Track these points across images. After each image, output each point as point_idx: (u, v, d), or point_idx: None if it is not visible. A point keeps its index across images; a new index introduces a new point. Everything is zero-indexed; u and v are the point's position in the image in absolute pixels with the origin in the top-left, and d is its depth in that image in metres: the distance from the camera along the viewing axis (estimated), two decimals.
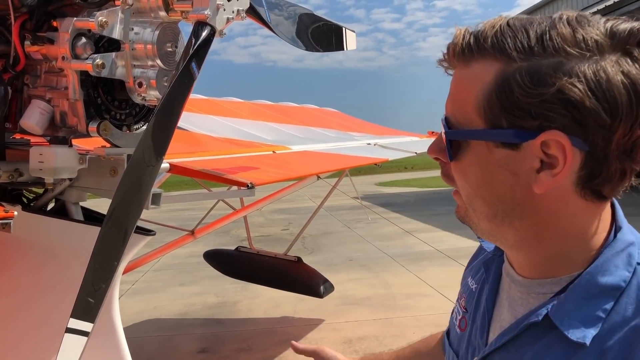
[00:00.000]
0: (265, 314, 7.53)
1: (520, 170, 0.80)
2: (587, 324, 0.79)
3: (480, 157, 0.82)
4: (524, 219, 0.83)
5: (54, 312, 1.82)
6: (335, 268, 9.67)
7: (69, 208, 2.36)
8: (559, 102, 0.74)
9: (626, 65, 0.75)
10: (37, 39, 2.07)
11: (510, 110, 0.77)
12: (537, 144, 0.77)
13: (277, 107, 6.35)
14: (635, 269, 0.81)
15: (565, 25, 0.76)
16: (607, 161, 0.77)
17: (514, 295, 0.93)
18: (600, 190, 0.81)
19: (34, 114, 2.14)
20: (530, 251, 0.87)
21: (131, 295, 8.85)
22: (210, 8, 1.95)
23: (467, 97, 0.82)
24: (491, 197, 0.84)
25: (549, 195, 0.80)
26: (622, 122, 0.75)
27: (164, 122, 1.84)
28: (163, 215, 14.49)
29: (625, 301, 0.78)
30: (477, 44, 0.80)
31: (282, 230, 14.64)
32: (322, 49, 2.76)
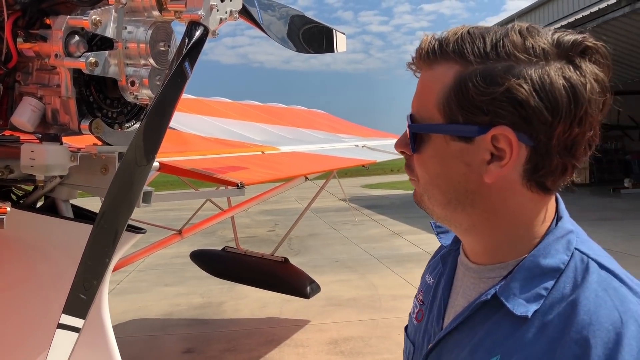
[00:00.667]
0: (251, 315, 7.53)
1: (473, 162, 0.89)
2: (530, 301, 0.88)
3: (438, 150, 0.92)
4: (475, 206, 0.92)
5: (43, 309, 1.83)
6: (321, 269, 9.69)
7: (59, 205, 2.36)
8: (507, 100, 0.84)
9: (568, 71, 0.85)
10: (30, 36, 2.08)
11: (466, 107, 0.87)
12: (488, 138, 0.87)
13: (265, 108, 6.37)
14: (573, 253, 0.90)
15: (517, 34, 0.86)
16: (550, 156, 0.87)
17: (467, 282, 1.01)
18: (544, 182, 0.90)
19: (25, 111, 2.14)
20: (481, 237, 0.96)
21: (116, 295, 8.80)
22: (203, 8, 1.97)
23: (430, 96, 0.91)
24: (446, 185, 0.93)
25: (497, 185, 0.89)
26: (562, 120, 0.84)
27: (156, 122, 1.85)
28: (148, 215, 14.40)
29: (564, 280, 0.88)
30: (441, 48, 0.90)
31: (269, 232, 14.63)
32: (313, 51, 2.78)
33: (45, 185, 2.30)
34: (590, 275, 0.87)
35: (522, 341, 0.86)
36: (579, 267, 0.89)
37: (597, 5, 15.12)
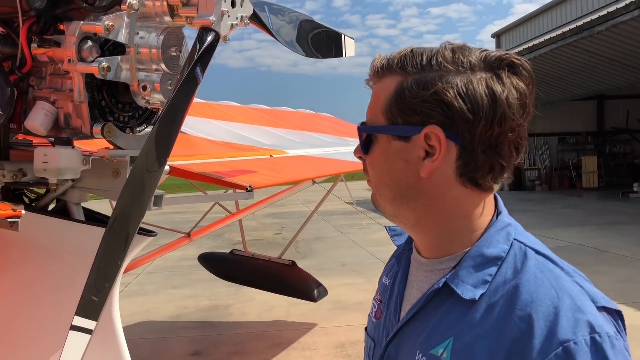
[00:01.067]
0: (258, 318, 7.55)
1: (411, 159, 1.02)
2: (477, 286, 0.99)
3: (383, 149, 1.05)
4: (417, 199, 1.04)
5: (55, 310, 1.85)
6: (327, 273, 9.70)
7: (71, 208, 2.39)
8: (435, 102, 0.98)
9: (490, 80, 0.99)
10: (44, 41, 2.11)
11: (403, 109, 1.01)
12: (422, 136, 1.00)
13: (273, 112, 6.39)
14: (512, 243, 1.02)
15: (448, 50, 1.01)
16: (475, 153, 0.99)
17: (421, 275, 1.12)
18: (475, 179, 1.01)
19: (38, 115, 2.17)
20: (427, 230, 1.08)
21: (124, 297, 8.82)
22: (215, 14, 1.99)
23: (378, 103, 1.06)
24: (391, 182, 1.05)
25: (434, 180, 1.02)
26: (482, 120, 0.97)
27: (167, 127, 1.88)
28: (157, 218, 14.48)
29: (506, 267, 1.00)
30: (388, 64, 1.05)
31: (275, 235, 14.65)
32: (322, 55, 2.80)
33: (57, 189, 2.33)
34: (528, 260, 0.99)
35: (472, 322, 0.97)
36: (518, 255, 1.00)
37: (605, 9, 15.08)
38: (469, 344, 0.95)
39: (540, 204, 19.57)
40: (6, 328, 2.22)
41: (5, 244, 2.27)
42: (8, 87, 2.08)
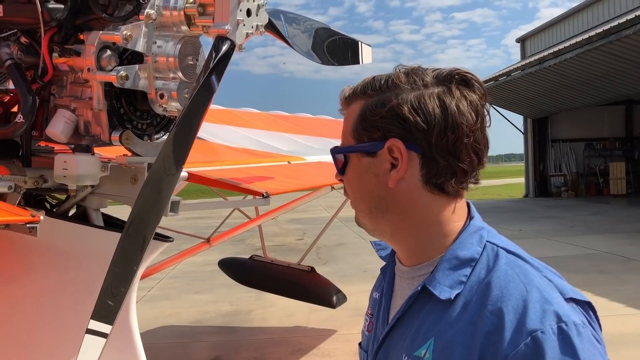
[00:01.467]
0: (278, 323, 7.56)
1: (379, 172, 1.10)
2: (453, 287, 1.05)
3: (355, 167, 1.14)
4: (390, 210, 1.11)
5: (74, 314, 1.89)
6: (348, 279, 9.67)
7: (90, 214, 2.43)
8: (392, 117, 1.07)
9: (441, 94, 1.07)
10: (65, 51, 2.16)
11: (367, 128, 1.10)
12: (386, 150, 1.08)
13: (293, 118, 6.42)
14: (485, 245, 1.08)
15: (401, 72, 1.11)
16: (436, 160, 1.06)
17: (404, 284, 1.18)
18: (440, 185, 1.08)
19: (59, 122, 2.23)
20: (404, 240, 1.14)
21: (147, 301, 8.93)
22: (230, 23, 2.03)
23: (347, 127, 1.15)
24: (366, 196, 1.13)
25: (403, 190, 1.09)
26: (435, 129, 1.05)
27: (183, 133, 1.91)
28: (180, 223, 14.61)
29: (479, 267, 1.06)
30: (353, 92, 1.15)
31: (297, 240, 14.68)
32: (338, 63, 2.82)
33: (77, 195, 2.38)
34: (500, 259, 1.05)
35: (449, 321, 1.03)
36: (491, 255, 1.07)
37: (633, 12, 14.85)
38: (448, 341, 1.01)
39: (566, 211, 19.27)
40: (27, 331, 2.27)
41: (26, 249, 2.32)
42: (30, 95, 2.13)
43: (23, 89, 2.13)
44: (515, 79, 21.09)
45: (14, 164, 2.26)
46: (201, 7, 2.11)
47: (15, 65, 2.16)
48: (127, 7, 2.14)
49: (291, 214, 19.10)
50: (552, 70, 18.61)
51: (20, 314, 2.34)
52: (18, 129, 2.14)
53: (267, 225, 16.99)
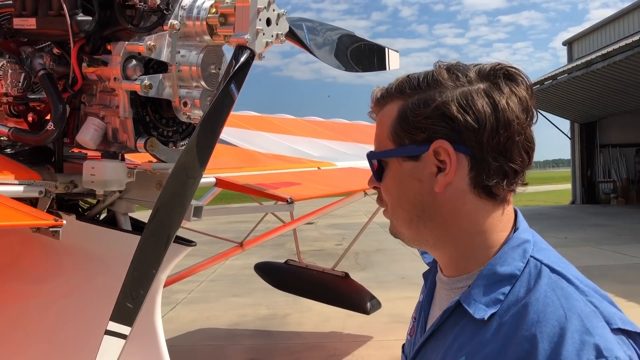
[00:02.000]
0: (314, 328, 7.59)
1: (423, 177, 1.03)
2: (489, 305, 0.98)
3: (395, 172, 1.06)
4: (433, 219, 1.05)
5: (100, 315, 1.95)
6: (386, 285, 9.61)
7: (119, 218, 2.51)
8: (438, 117, 1.00)
9: (489, 89, 1.00)
10: (93, 61, 2.24)
11: (408, 130, 1.03)
12: (431, 152, 1.01)
13: (327, 124, 6.45)
14: (528, 261, 1.00)
15: (443, 68, 1.04)
16: (486, 161, 1.00)
17: (442, 294, 1.13)
18: (489, 188, 1.01)
19: (88, 130, 2.31)
20: (446, 249, 1.08)
21: (186, 304, 9.10)
22: (249, 33, 2.07)
23: (383, 130, 1.08)
24: (407, 204, 1.06)
25: (448, 196, 1.02)
26: (486, 127, 0.98)
27: (202, 140, 1.95)
28: (220, 227, 14.85)
29: (519, 285, 0.98)
30: (387, 92, 1.09)
31: (336, 245, 14.68)
32: (362, 69, 2.82)
33: (105, 199, 2.46)
34: (541, 278, 0.97)
35: (482, 342, 0.96)
36: (533, 273, 0.99)
37: None
38: None
39: (614, 219, 18.66)
40: (54, 329, 2.36)
41: (57, 250, 2.42)
42: (60, 104, 2.22)
43: (54, 97, 2.22)
44: (562, 83, 20.58)
45: (47, 170, 2.35)
46: (222, 17, 2.17)
47: (47, 75, 2.25)
48: (152, 18, 2.21)
49: (330, 219, 19.14)
50: (600, 73, 18.08)
51: (48, 312, 2.43)
52: (49, 136, 2.23)
53: (307, 230, 17.12)
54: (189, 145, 1.96)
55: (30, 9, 2.23)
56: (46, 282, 2.47)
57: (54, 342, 2.40)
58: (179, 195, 1.93)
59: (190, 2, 2.22)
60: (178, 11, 2.21)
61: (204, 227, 13.05)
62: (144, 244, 1.87)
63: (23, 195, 2.15)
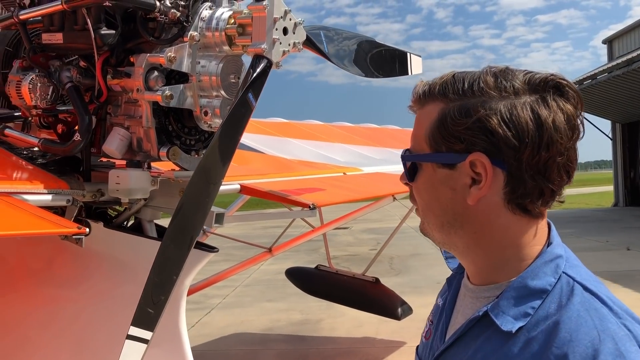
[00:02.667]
0: (347, 334, 7.58)
1: (457, 186, 1.01)
2: (517, 318, 0.96)
3: (429, 177, 1.05)
4: (465, 227, 1.03)
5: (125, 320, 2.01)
6: (421, 290, 9.52)
7: (144, 225, 2.58)
8: (479, 129, 0.97)
9: (535, 104, 0.96)
10: (117, 73, 2.32)
11: (447, 137, 1.01)
12: (467, 163, 0.99)
13: (356, 129, 6.46)
14: (560, 276, 0.98)
15: (490, 75, 1.00)
16: (523, 179, 0.97)
17: (467, 301, 1.11)
18: (524, 205, 0.99)
19: (114, 140, 2.38)
20: (475, 258, 1.06)
21: (221, 309, 9.21)
22: (266, 42, 2.10)
23: (421, 131, 1.06)
24: (438, 209, 1.05)
25: (482, 208, 1.00)
26: (528, 146, 0.95)
27: (220, 147, 1.99)
28: (256, 232, 14.97)
29: (550, 301, 0.96)
30: (429, 90, 1.05)
31: (370, 250, 14.62)
32: (384, 75, 2.83)
33: (131, 207, 2.53)
34: (574, 297, 0.95)
35: (507, 355, 0.95)
36: (565, 289, 0.96)
37: None
38: None
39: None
40: (79, 333, 2.44)
41: (85, 256, 2.49)
42: (87, 115, 2.30)
43: (80, 109, 2.30)
44: (602, 83, 20.09)
45: (75, 179, 2.43)
46: (240, 27, 2.21)
47: (74, 87, 2.33)
48: (173, 29, 2.26)
49: (365, 223, 19.09)
50: None
51: (78, 317, 2.51)
52: (76, 147, 2.31)
53: (341, 235, 17.13)
54: (207, 152, 2.00)
55: (57, 25, 2.32)
56: (76, 287, 2.56)
57: (84, 347, 2.48)
58: (199, 202, 1.97)
59: (210, 13, 2.27)
60: (198, 23, 2.26)
61: (239, 233, 13.12)
62: (164, 250, 1.92)
63: (51, 203, 2.23)
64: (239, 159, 3.38)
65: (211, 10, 2.28)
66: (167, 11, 2.23)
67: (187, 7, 2.25)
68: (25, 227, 1.96)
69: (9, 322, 2.71)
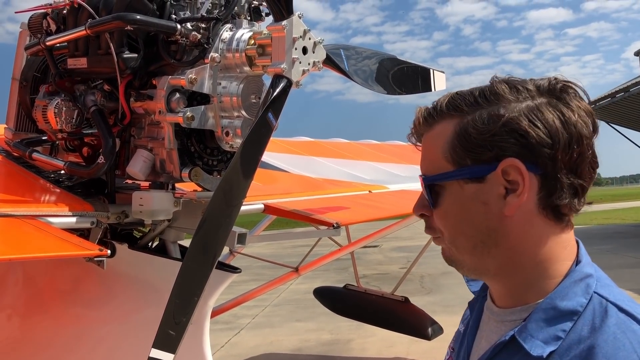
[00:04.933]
0: (377, 354, 7.47)
1: (490, 199, 0.96)
2: (547, 342, 0.91)
3: (456, 196, 0.99)
4: (499, 245, 0.97)
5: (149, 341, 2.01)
6: (452, 310, 9.34)
7: (168, 246, 2.59)
8: (507, 133, 0.93)
9: (554, 103, 0.95)
10: (140, 95, 2.35)
11: (471, 149, 0.96)
12: (499, 173, 0.94)
13: (381, 147, 6.43)
14: (592, 297, 0.93)
15: (500, 82, 0.98)
16: (559, 179, 0.94)
17: (491, 326, 1.05)
18: (559, 207, 0.95)
19: (138, 162, 2.40)
20: (508, 278, 1.00)
21: (250, 329, 9.19)
22: (286, 62, 2.11)
23: (436, 151, 1.00)
24: (470, 229, 0.99)
25: (516, 219, 0.95)
26: (560, 144, 0.92)
27: (241, 167, 1.99)
28: (286, 252, 14.97)
29: (582, 323, 0.91)
30: (436, 110, 1.02)
31: (400, 269, 14.45)
32: (406, 92, 2.81)
33: (155, 228, 2.55)
34: (609, 318, 0.89)
35: None
36: (598, 310, 0.91)
37: None
38: None
39: None
40: (102, 353, 2.44)
41: (109, 277, 2.51)
42: (110, 138, 2.33)
43: (104, 132, 2.33)
44: (635, 95, 19.67)
45: (100, 201, 2.46)
46: (260, 48, 2.22)
47: (98, 110, 2.37)
48: (194, 52, 2.28)
49: (395, 241, 18.93)
50: None
51: (101, 337, 2.52)
52: (100, 169, 2.33)
53: (371, 254, 17.00)
54: (227, 172, 2.00)
55: (81, 50, 2.37)
56: (102, 307, 2.57)
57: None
58: (219, 222, 1.96)
59: (230, 35, 2.29)
60: (218, 44, 2.27)
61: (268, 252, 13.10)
62: (185, 270, 1.91)
63: (75, 226, 2.26)
64: (263, 178, 3.39)
65: (231, 31, 2.29)
66: (188, 34, 2.25)
67: (208, 29, 2.27)
68: (48, 250, 1.99)
69: (39, 341, 2.74)
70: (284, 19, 2.09)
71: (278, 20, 2.11)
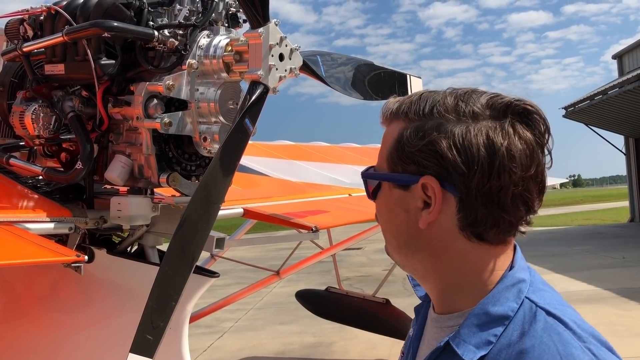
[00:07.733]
0: (360, 356, 7.50)
1: (410, 208, 0.99)
2: (479, 347, 0.92)
3: (386, 197, 1.03)
4: (421, 251, 1.00)
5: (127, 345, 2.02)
6: None
7: (147, 251, 2.59)
8: (430, 152, 0.95)
9: (491, 131, 0.93)
10: (118, 102, 2.36)
11: (402, 158, 0.99)
12: (419, 186, 0.97)
13: (362, 150, 6.48)
14: (523, 302, 0.94)
15: (451, 97, 0.98)
16: (474, 206, 0.94)
17: (431, 331, 1.08)
18: (479, 233, 0.95)
19: (116, 167, 2.41)
20: (435, 283, 1.03)
21: (233, 332, 9.16)
22: (262, 68, 2.14)
23: (384, 149, 1.04)
24: (395, 230, 1.03)
25: (436, 232, 0.97)
26: (477, 173, 0.92)
27: (218, 173, 2.01)
28: (270, 254, 14.94)
29: (512, 328, 0.92)
30: (396, 110, 1.04)
31: (383, 271, 14.50)
32: (383, 97, 2.85)
33: (133, 233, 2.55)
34: (537, 322, 0.91)
35: None
36: (527, 315, 0.93)
37: None
38: None
39: None
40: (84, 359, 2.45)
41: (88, 283, 2.51)
42: (88, 143, 2.33)
43: (82, 137, 2.33)
44: (613, 98, 19.97)
45: (78, 207, 2.46)
46: (237, 54, 2.24)
47: (76, 116, 2.38)
48: (172, 58, 2.30)
49: (378, 244, 18.93)
50: None
51: (79, 341, 2.52)
52: (78, 175, 2.34)
53: (354, 256, 17.03)
54: (204, 178, 2.02)
55: (59, 56, 2.37)
56: (80, 312, 2.57)
57: None
58: (197, 227, 1.98)
59: (208, 41, 2.31)
60: (196, 51, 2.30)
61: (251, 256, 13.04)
62: (162, 275, 1.93)
63: (53, 231, 2.26)
64: (244, 182, 3.41)
65: (209, 38, 2.32)
66: (166, 40, 2.27)
67: (185, 35, 2.29)
68: (24, 257, 1.99)
69: (17, 347, 2.73)
70: (261, 26, 2.11)
71: (255, 28, 2.14)
